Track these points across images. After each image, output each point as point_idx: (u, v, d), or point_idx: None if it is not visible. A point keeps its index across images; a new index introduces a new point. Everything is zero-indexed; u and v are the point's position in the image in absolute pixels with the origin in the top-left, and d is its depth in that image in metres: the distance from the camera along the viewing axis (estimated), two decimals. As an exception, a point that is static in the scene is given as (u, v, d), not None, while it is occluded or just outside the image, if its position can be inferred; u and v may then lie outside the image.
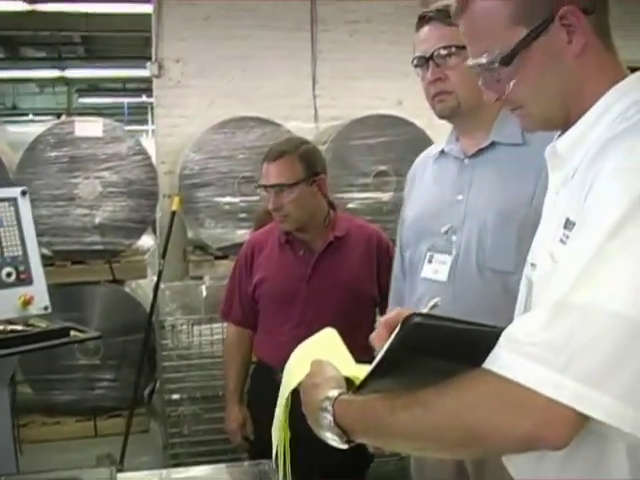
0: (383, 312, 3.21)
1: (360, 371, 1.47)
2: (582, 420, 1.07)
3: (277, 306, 3.08)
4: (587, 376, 1.05)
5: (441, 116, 2.26)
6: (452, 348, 1.15)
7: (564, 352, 1.06)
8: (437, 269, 2.22)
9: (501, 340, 1.13)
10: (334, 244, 3.05)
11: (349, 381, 1.41)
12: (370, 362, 1.33)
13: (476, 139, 2.22)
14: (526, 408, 1.08)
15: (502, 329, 1.14)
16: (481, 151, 2.21)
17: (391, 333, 1.43)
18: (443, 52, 2.15)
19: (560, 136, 1.39)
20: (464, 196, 2.20)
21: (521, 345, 1.10)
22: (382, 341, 1.50)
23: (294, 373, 1.52)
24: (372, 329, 1.51)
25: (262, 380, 3.10)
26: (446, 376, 1.16)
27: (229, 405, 3.28)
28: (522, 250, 1.61)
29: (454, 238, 2.19)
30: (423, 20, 2.22)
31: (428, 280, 2.24)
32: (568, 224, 1.24)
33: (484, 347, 1.14)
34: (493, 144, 2.18)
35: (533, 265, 1.43)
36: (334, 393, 1.33)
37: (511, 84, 1.34)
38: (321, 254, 3.05)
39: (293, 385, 1.50)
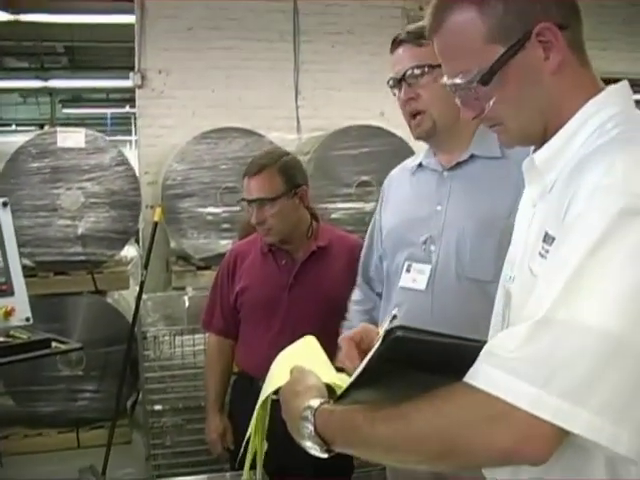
0: None
1: (341, 379, 1.47)
2: (562, 435, 1.08)
3: (259, 315, 3.09)
4: (568, 392, 1.05)
5: (418, 138, 2.30)
6: (433, 361, 1.15)
7: (545, 367, 1.07)
8: (415, 278, 2.24)
9: (482, 354, 1.13)
10: (316, 254, 3.07)
11: (330, 389, 1.41)
12: (349, 371, 1.34)
13: (454, 154, 2.25)
14: (506, 423, 1.08)
15: (484, 343, 1.15)
16: (460, 164, 2.23)
17: (360, 350, 1.44)
18: (415, 72, 2.18)
19: (537, 149, 1.40)
20: (443, 207, 2.22)
21: (502, 360, 1.10)
22: (354, 361, 1.52)
23: (274, 379, 1.53)
24: None
25: (243, 390, 3.10)
26: (427, 388, 1.16)
27: (210, 415, 3.28)
28: (500, 260, 1.62)
29: (433, 248, 2.21)
30: (396, 42, 2.27)
31: (406, 289, 2.26)
32: (547, 238, 1.25)
33: (466, 361, 1.14)
34: (472, 157, 2.20)
35: (511, 277, 1.44)
36: (315, 402, 1.33)
37: (490, 102, 1.34)
38: (303, 264, 3.06)
39: (270, 390, 1.50)
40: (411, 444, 1.19)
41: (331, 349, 1.67)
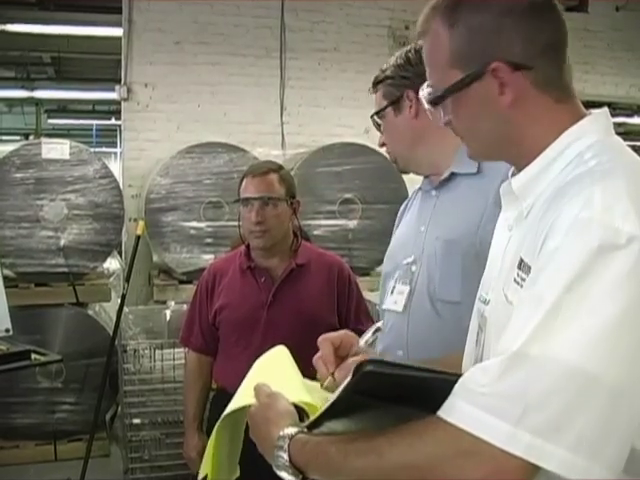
0: None
1: (312, 388, 1.48)
2: (533, 469, 1.07)
3: (237, 333, 3.08)
4: (541, 429, 1.05)
5: (401, 173, 2.41)
6: (405, 395, 1.16)
7: (518, 404, 1.07)
8: (396, 300, 2.24)
9: (456, 389, 1.13)
10: (295, 272, 3.08)
11: (300, 408, 1.42)
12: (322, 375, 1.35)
13: (441, 173, 2.26)
14: (478, 458, 1.08)
15: (457, 377, 1.15)
16: (442, 183, 2.24)
17: (336, 355, 1.45)
18: (376, 121, 2.25)
19: (515, 174, 1.41)
20: (425, 227, 2.23)
21: (475, 395, 1.10)
22: (329, 366, 1.53)
23: (243, 394, 1.53)
24: None
25: (222, 408, 3.09)
26: (401, 420, 1.17)
27: (188, 432, 3.27)
28: (467, 280, 1.63)
29: (414, 269, 2.22)
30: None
31: (388, 310, 2.27)
32: (523, 265, 1.25)
33: (438, 394, 1.14)
34: (453, 175, 2.22)
35: (486, 300, 1.45)
36: (290, 431, 1.33)
37: (449, 117, 1.38)
38: (282, 281, 3.07)
39: (237, 406, 1.50)
40: (383, 477, 1.19)
41: (310, 367, 1.68)
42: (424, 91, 1.42)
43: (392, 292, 2.26)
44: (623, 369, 1.08)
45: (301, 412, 1.41)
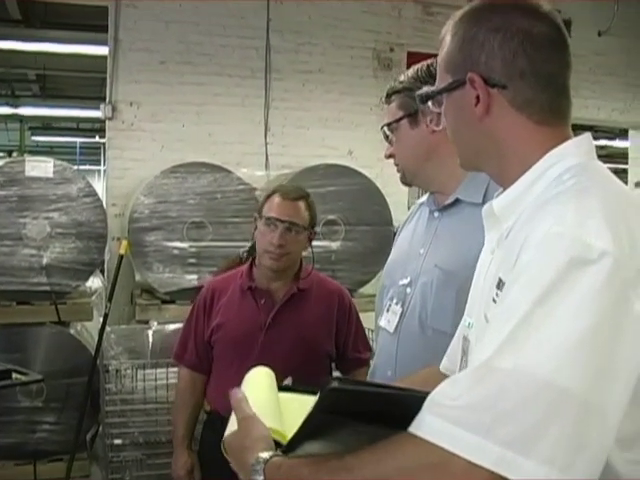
0: (339, 368, 3.24)
1: (291, 400, 1.49)
2: None
3: (233, 353, 3.05)
4: (511, 441, 1.05)
5: (404, 184, 2.40)
6: (374, 413, 1.16)
7: (487, 416, 1.07)
8: (389, 319, 2.24)
9: (426, 403, 1.14)
10: (296, 296, 3.07)
11: (277, 432, 1.43)
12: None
13: (447, 194, 2.26)
14: (447, 471, 1.08)
15: (426, 393, 1.15)
16: (446, 207, 2.24)
17: None
18: (386, 131, 2.28)
19: (497, 196, 1.43)
20: (425, 250, 2.22)
21: (444, 408, 1.11)
22: None
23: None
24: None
25: (215, 430, 3.08)
26: (373, 439, 1.17)
27: (177, 450, 3.24)
28: (460, 313, 1.63)
29: (408, 290, 2.21)
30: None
31: (382, 329, 2.27)
32: (500, 285, 1.26)
33: (409, 411, 1.14)
34: (457, 201, 2.21)
35: (470, 323, 1.46)
36: (265, 456, 1.34)
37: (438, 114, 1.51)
38: (282, 305, 3.06)
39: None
40: None
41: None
42: (422, 90, 1.54)
43: (387, 310, 2.26)
44: (594, 383, 1.08)
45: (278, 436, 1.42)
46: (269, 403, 1.56)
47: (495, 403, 1.07)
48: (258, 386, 1.65)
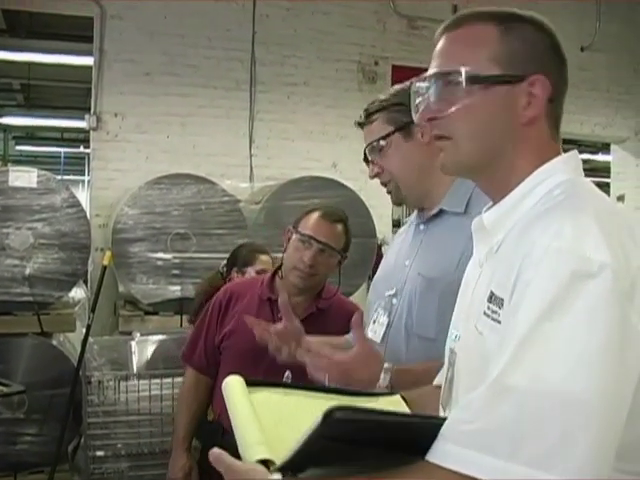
0: None
1: (269, 410, 1.45)
2: None
3: (240, 363, 2.94)
4: (537, 460, 1.04)
5: (395, 204, 2.37)
6: (377, 439, 1.14)
7: (508, 437, 1.06)
8: (376, 330, 2.25)
9: (443, 430, 1.13)
10: (314, 315, 3.01)
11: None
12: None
13: (433, 205, 2.26)
14: None
15: (435, 418, 1.15)
16: (431, 218, 2.24)
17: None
18: (371, 149, 2.23)
19: (489, 208, 1.44)
20: (410, 261, 2.23)
21: (463, 434, 1.10)
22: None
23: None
24: None
25: (215, 443, 3.03)
26: (380, 462, 1.15)
27: (176, 452, 3.19)
28: (442, 318, 1.64)
29: (394, 301, 2.22)
30: (359, 125, 2.32)
31: (369, 340, 2.28)
32: (494, 299, 1.27)
33: (423, 438, 1.13)
34: (441, 212, 2.21)
35: (457, 336, 1.45)
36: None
37: (453, 108, 1.37)
38: (300, 322, 2.98)
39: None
40: None
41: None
42: (439, 70, 1.40)
43: (374, 322, 2.27)
44: (610, 393, 1.09)
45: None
46: (253, 425, 1.49)
47: (514, 423, 1.07)
48: (240, 407, 1.58)
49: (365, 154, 2.27)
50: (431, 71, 1.42)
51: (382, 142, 2.20)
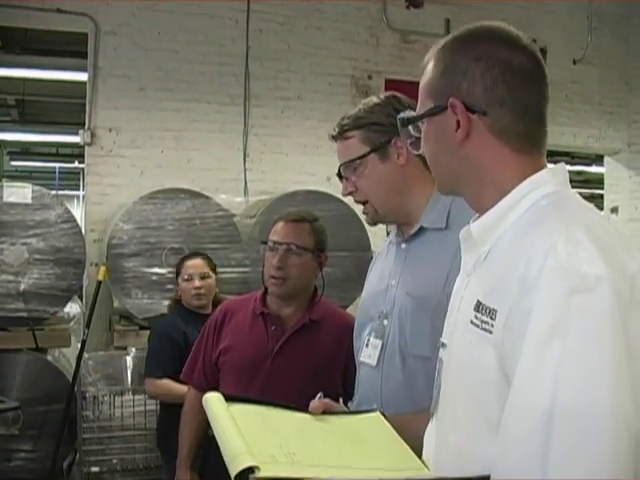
0: (346, 403, 3.20)
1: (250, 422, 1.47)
2: None
3: (237, 378, 2.99)
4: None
5: (371, 225, 2.32)
6: None
7: (542, 463, 1.09)
8: (370, 353, 2.22)
9: None
10: (307, 326, 3.00)
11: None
12: None
13: (412, 222, 2.24)
14: None
15: None
16: (412, 237, 2.23)
17: None
18: (346, 167, 2.20)
19: (475, 220, 1.46)
20: (396, 280, 2.21)
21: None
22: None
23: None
24: None
25: (216, 457, 3.03)
26: None
27: (180, 471, 3.21)
28: (436, 336, 1.64)
29: (385, 323, 2.20)
30: (332, 138, 2.29)
31: (364, 364, 2.26)
32: (482, 307, 1.29)
33: None
34: (421, 229, 2.19)
35: (444, 345, 1.47)
36: None
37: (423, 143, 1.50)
38: (292, 334, 2.98)
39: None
40: None
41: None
42: (404, 114, 1.54)
43: (367, 345, 2.25)
44: (629, 404, 1.11)
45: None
46: (236, 435, 1.49)
47: (546, 449, 1.09)
48: (222, 420, 1.59)
49: (339, 170, 2.24)
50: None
51: (357, 162, 2.17)
